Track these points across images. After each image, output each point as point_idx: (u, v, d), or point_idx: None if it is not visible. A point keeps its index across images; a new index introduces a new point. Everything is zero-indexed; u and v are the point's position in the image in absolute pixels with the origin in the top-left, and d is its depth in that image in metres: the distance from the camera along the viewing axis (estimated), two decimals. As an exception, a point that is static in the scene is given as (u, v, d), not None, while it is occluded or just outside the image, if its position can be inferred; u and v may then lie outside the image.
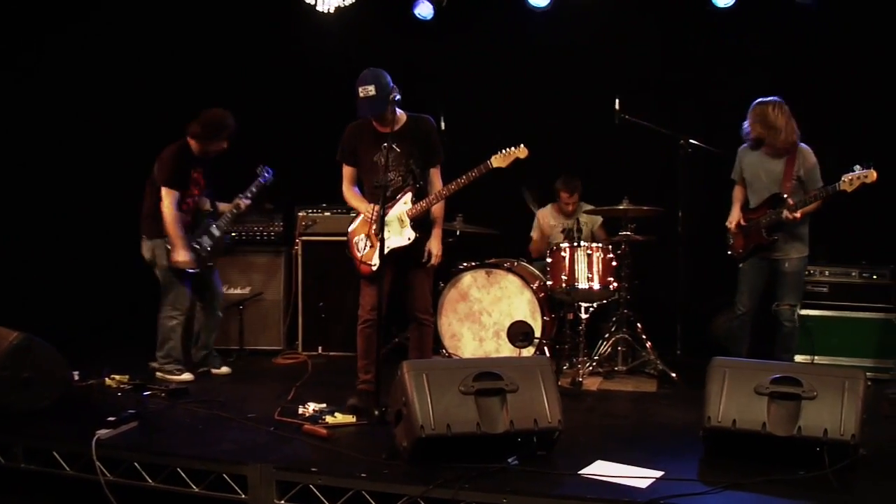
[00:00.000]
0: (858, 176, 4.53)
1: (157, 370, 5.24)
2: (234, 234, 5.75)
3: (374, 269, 4.33)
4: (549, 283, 5.55)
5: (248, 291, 6.21)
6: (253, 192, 5.42)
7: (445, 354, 5.60)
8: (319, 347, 6.22)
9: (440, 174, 4.53)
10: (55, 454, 3.79)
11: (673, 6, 6.35)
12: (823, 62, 6.04)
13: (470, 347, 5.64)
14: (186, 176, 5.16)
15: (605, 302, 5.61)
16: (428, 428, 3.41)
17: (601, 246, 5.50)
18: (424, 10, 6.72)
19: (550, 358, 5.01)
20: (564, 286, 5.39)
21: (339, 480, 3.43)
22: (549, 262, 5.58)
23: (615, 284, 5.46)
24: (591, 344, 5.60)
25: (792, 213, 4.81)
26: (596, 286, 5.39)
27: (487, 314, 5.61)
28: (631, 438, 4.13)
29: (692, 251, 5.96)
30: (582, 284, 5.38)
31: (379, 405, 4.10)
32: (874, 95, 5.92)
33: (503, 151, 4.36)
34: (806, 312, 5.44)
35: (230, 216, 5.40)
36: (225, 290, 6.11)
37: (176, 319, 5.22)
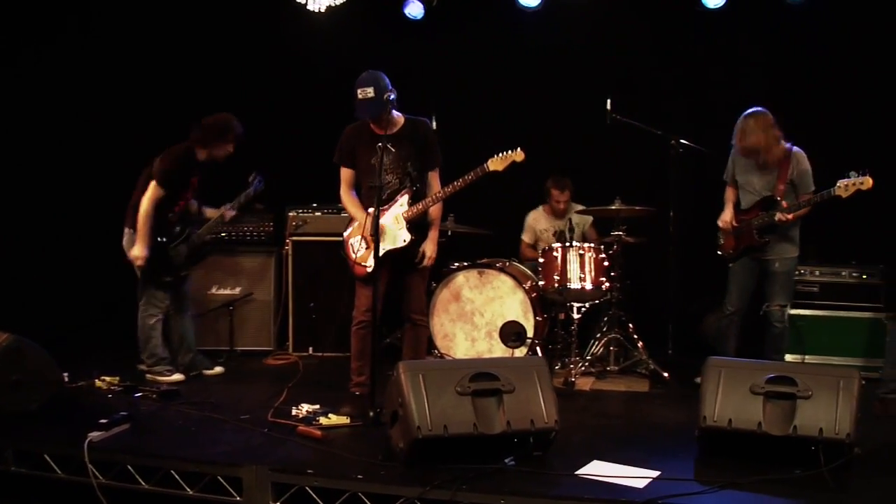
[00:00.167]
0: (854, 182, 4.54)
1: (146, 372, 5.19)
2: (223, 234, 5.70)
3: (369, 270, 4.31)
4: (541, 283, 5.54)
5: (238, 292, 6.16)
6: (240, 202, 5.37)
7: (438, 355, 5.59)
8: (310, 348, 6.18)
9: (439, 177, 4.53)
10: (46, 457, 3.74)
11: (664, 7, 6.36)
12: (814, 63, 6.07)
13: (462, 348, 5.62)
14: (183, 180, 5.13)
15: (597, 302, 5.61)
16: (425, 429, 3.39)
17: (593, 246, 5.50)
18: (415, 9, 6.71)
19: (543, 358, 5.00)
20: (557, 286, 5.39)
21: (335, 482, 3.41)
22: (541, 262, 5.57)
23: (607, 284, 5.47)
24: (582, 344, 5.61)
25: (785, 215, 4.84)
26: (588, 286, 5.40)
27: (480, 314, 5.60)
28: (625, 438, 4.13)
29: (683, 251, 5.98)
30: (574, 284, 5.38)
31: (374, 406, 4.08)
32: (865, 97, 5.95)
33: (500, 155, 4.35)
34: (796, 312, 5.47)
35: (212, 225, 5.36)
36: (214, 290, 6.11)
37: (155, 317, 5.17)
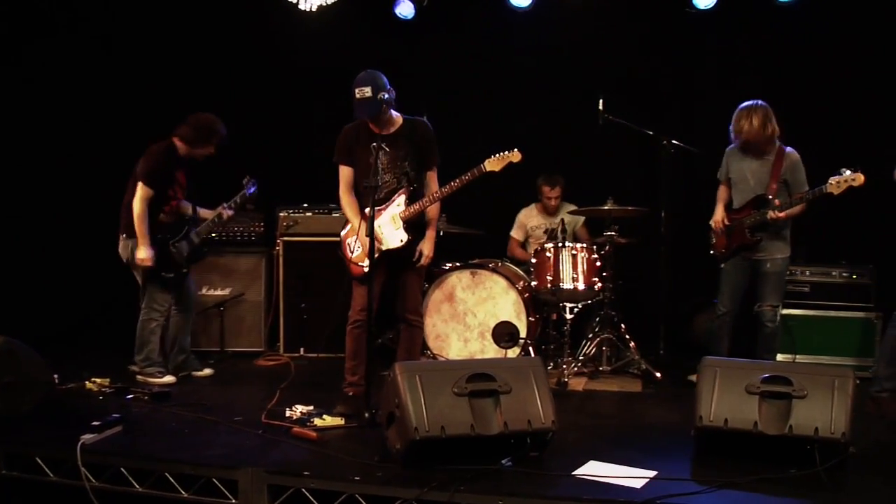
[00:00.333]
0: (846, 179, 4.56)
1: (137, 373, 5.15)
2: (213, 234, 5.66)
3: (365, 269, 4.29)
4: (533, 283, 5.54)
5: (228, 293, 6.12)
6: (237, 202, 5.34)
7: (430, 356, 5.57)
8: (301, 349, 6.15)
9: (436, 178, 4.53)
10: (38, 460, 3.70)
11: (655, 7, 6.38)
12: (805, 63, 6.11)
13: (455, 348, 5.61)
14: (168, 176, 5.10)
15: (589, 302, 5.62)
16: (422, 430, 3.38)
17: (586, 246, 5.51)
18: (405, 9, 6.69)
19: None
20: (549, 286, 5.39)
21: (332, 484, 3.39)
22: (533, 262, 5.57)
23: (599, 285, 5.47)
24: (574, 344, 5.60)
25: (777, 213, 4.86)
26: (581, 286, 5.40)
27: (472, 315, 5.59)
28: (620, 438, 4.13)
29: (674, 251, 5.99)
30: (567, 285, 5.38)
31: (369, 407, 4.06)
32: (856, 96, 5.99)
33: (497, 155, 4.35)
34: (787, 312, 5.50)
35: (211, 224, 5.33)
36: (205, 291, 6.07)
37: (156, 321, 5.14)
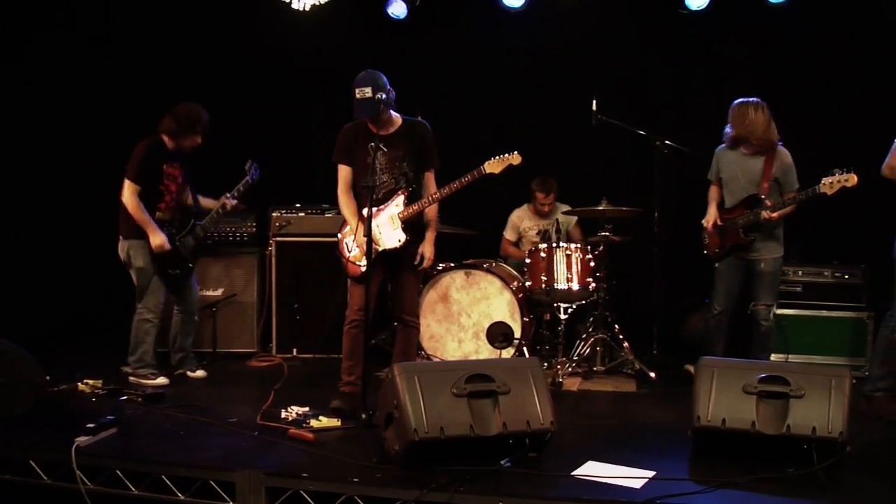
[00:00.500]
0: (839, 179, 4.58)
1: (130, 374, 5.10)
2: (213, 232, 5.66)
3: (363, 270, 4.27)
4: (527, 283, 5.54)
5: (220, 293, 6.08)
6: (240, 190, 5.32)
7: (424, 356, 5.56)
8: (294, 350, 6.12)
9: (435, 179, 4.53)
10: (32, 463, 3.65)
11: (647, 8, 6.39)
12: (797, 63, 6.14)
13: (449, 349, 5.61)
14: (155, 172, 5.06)
15: (583, 302, 5.62)
16: (421, 431, 3.37)
17: (580, 246, 5.51)
18: (398, 9, 6.68)
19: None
20: (544, 287, 5.39)
21: (330, 485, 3.37)
22: (527, 262, 5.57)
23: (594, 285, 5.48)
24: (567, 344, 5.61)
25: (770, 213, 4.88)
26: (575, 287, 5.41)
27: (467, 315, 5.59)
28: (617, 438, 4.14)
29: (667, 251, 6.01)
30: (561, 285, 5.39)
31: (366, 408, 4.04)
32: (848, 96, 6.03)
33: (497, 157, 4.35)
34: (780, 312, 5.50)
35: (215, 216, 5.31)
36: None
37: (150, 322, 5.10)
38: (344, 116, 4.54)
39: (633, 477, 3.44)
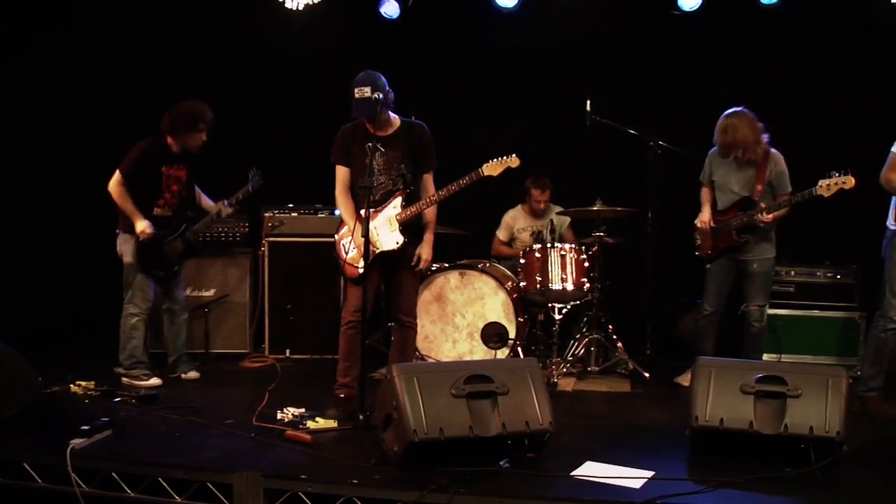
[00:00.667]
0: (837, 182, 4.57)
1: (122, 375, 5.06)
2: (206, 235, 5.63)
3: (360, 271, 4.26)
4: (522, 283, 5.54)
5: (213, 293, 6.04)
6: (239, 198, 5.28)
7: (418, 356, 5.55)
8: (287, 350, 6.09)
9: (433, 181, 4.52)
10: (25, 466, 3.61)
11: (640, 9, 6.41)
12: (790, 64, 6.17)
13: (443, 349, 5.60)
14: (152, 173, 5.03)
15: (577, 303, 5.62)
16: (421, 432, 3.36)
17: (574, 247, 5.52)
18: (390, 8, 6.66)
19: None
20: (538, 287, 5.39)
21: (329, 487, 3.35)
22: (522, 262, 5.57)
23: (588, 285, 5.48)
24: (561, 345, 5.61)
25: (765, 216, 4.90)
26: (570, 287, 5.41)
27: (461, 315, 5.58)
28: (614, 438, 4.15)
29: (660, 251, 6.02)
30: (556, 285, 5.39)
31: (363, 409, 4.03)
32: (841, 97, 6.06)
33: (495, 160, 4.34)
34: (772, 312, 5.52)
35: (209, 220, 5.28)
36: (189, 292, 5.96)
37: (137, 317, 5.06)
38: (337, 116, 4.52)
39: (632, 477, 3.44)
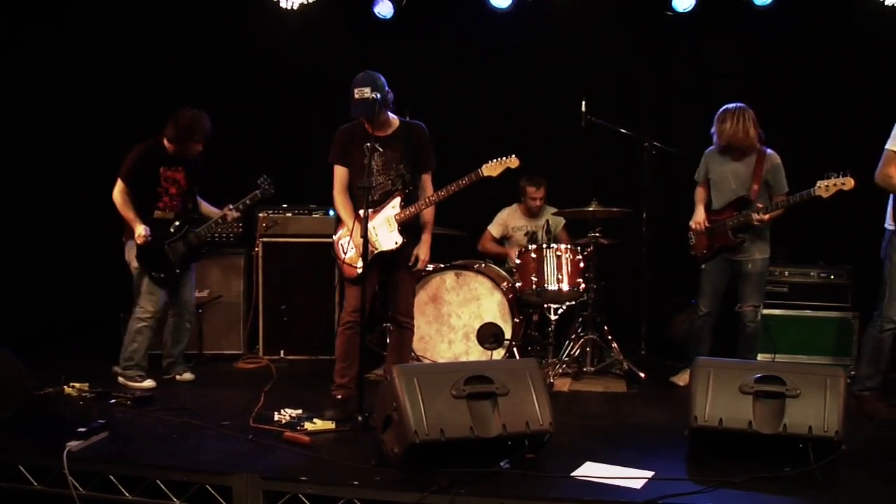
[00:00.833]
0: (836, 183, 4.58)
1: (119, 374, 5.03)
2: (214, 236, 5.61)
3: (359, 271, 4.24)
4: (518, 284, 5.54)
5: (206, 294, 6.01)
6: (246, 203, 5.27)
7: (414, 357, 5.53)
8: (281, 351, 6.07)
9: (431, 181, 4.52)
10: (21, 468, 3.58)
11: (634, 9, 6.42)
12: (784, 64, 6.20)
13: (439, 350, 5.59)
14: (151, 175, 5.02)
15: (573, 303, 5.63)
16: (422, 433, 3.35)
17: (570, 247, 5.52)
18: (384, 8, 6.65)
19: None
20: (534, 287, 5.39)
21: (329, 489, 3.33)
22: (517, 263, 5.57)
23: (583, 286, 5.49)
24: (557, 345, 5.61)
25: (761, 216, 4.91)
26: (565, 287, 5.41)
27: (457, 316, 5.57)
28: (612, 439, 4.15)
29: (655, 252, 6.03)
30: (551, 286, 5.39)
31: (362, 410, 4.01)
32: (835, 97, 6.10)
33: (494, 160, 4.35)
34: (767, 312, 5.54)
35: (213, 225, 5.25)
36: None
37: (143, 322, 5.04)
38: (331, 115, 4.51)
39: (632, 477, 3.44)
